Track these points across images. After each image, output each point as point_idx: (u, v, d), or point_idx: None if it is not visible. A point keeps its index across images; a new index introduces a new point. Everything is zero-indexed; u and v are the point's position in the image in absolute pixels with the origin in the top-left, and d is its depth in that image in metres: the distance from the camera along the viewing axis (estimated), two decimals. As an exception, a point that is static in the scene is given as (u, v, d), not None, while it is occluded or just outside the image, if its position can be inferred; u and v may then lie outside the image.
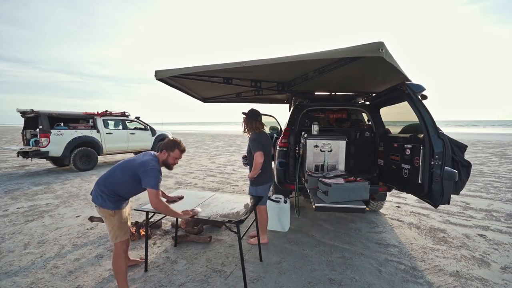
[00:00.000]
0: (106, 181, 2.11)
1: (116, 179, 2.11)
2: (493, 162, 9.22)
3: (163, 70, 2.78)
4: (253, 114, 3.01)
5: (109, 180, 2.12)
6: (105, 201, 2.08)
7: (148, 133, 9.64)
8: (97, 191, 2.11)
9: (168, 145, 2.25)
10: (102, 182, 2.12)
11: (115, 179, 2.11)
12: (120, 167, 2.15)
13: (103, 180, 2.12)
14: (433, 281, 2.41)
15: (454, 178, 2.32)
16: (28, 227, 3.62)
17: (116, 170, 2.14)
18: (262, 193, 2.95)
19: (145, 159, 2.14)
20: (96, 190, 2.12)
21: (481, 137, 21.64)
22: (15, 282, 2.38)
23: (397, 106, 3.15)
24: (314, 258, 2.81)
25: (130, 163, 2.14)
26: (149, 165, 2.08)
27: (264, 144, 2.92)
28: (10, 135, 25.15)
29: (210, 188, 5.83)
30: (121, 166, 2.16)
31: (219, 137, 23.80)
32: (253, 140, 2.89)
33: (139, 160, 2.13)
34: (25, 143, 7.84)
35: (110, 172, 2.15)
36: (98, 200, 2.09)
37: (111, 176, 2.13)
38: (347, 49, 2.00)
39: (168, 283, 2.37)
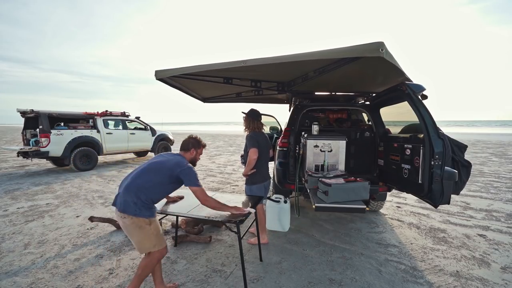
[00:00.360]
0: (141, 187, 1.95)
1: (150, 183, 1.98)
2: (493, 162, 9.22)
3: (163, 70, 2.78)
4: (254, 114, 3.07)
5: (144, 186, 1.96)
6: (140, 210, 1.91)
7: (148, 133, 9.64)
8: (129, 200, 1.90)
9: (195, 144, 2.29)
10: (136, 189, 1.94)
11: (149, 183, 1.98)
12: (151, 171, 2.02)
13: (137, 188, 1.94)
14: (433, 281, 2.41)
15: (454, 178, 2.32)
16: (28, 227, 3.62)
17: (148, 174, 2.00)
18: (257, 192, 2.98)
19: (177, 159, 2.11)
20: (127, 198, 1.91)
21: (481, 137, 21.64)
22: (15, 282, 2.38)
23: (397, 106, 3.14)
24: (314, 258, 2.81)
25: (162, 165, 2.05)
26: (185, 164, 2.07)
27: (260, 143, 2.94)
28: (10, 135, 25.16)
29: (210, 188, 5.83)
30: (152, 169, 2.03)
31: (219, 137, 23.79)
32: (250, 138, 2.95)
33: (173, 161, 2.08)
34: (25, 143, 7.84)
35: (140, 178, 1.98)
36: (131, 209, 1.89)
37: (144, 181, 1.97)
38: (347, 49, 2.00)
39: (168, 283, 2.37)
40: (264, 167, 3.07)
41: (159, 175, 2.02)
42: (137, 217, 1.91)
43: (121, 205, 1.91)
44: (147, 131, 9.63)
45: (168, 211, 2.40)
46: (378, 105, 3.66)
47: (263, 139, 3.02)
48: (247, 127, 3.06)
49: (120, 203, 1.92)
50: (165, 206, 2.53)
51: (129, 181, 1.98)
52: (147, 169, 2.03)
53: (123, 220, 1.93)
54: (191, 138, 2.33)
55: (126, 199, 1.91)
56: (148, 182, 1.98)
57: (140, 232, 1.94)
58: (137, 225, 1.92)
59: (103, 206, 4.54)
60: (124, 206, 1.90)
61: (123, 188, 1.96)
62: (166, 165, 2.05)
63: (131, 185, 1.95)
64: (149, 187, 1.97)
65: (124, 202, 1.91)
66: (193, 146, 2.28)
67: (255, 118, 3.04)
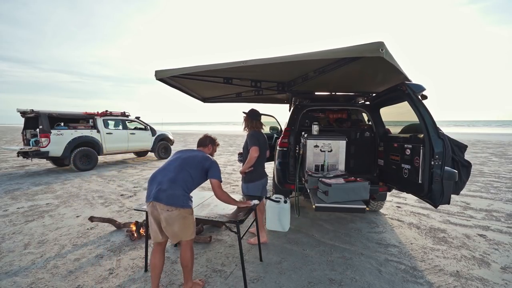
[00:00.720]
0: (186, 181, 2.10)
1: (191, 176, 2.13)
2: (493, 162, 9.22)
3: (163, 70, 2.78)
4: (254, 114, 3.13)
5: (188, 179, 2.11)
6: (187, 201, 2.06)
7: (148, 133, 9.64)
8: (178, 193, 2.02)
9: (212, 141, 2.53)
10: (183, 182, 2.08)
11: (190, 176, 2.13)
12: (189, 165, 2.16)
13: (184, 181, 2.08)
14: (433, 281, 2.41)
15: (454, 178, 2.32)
16: (28, 227, 3.62)
17: (188, 168, 2.14)
18: (253, 191, 3.02)
19: (203, 153, 2.32)
20: (176, 192, 2.02)
21: (481, 137, 21.64)
22: (15, 282, 2.38)
23: (397, 106, 3.14)
24: (314, 258, 2.81)
25: (195, 159, 2.21)
26: (211, 158, 2.29)
27: (260, 142, 3.00)
28: (10, 135, 25.16)
29: (210, 188, 5.82)
30: (189, 164, 2.17)
31: (219, 137, 23.66)
32: (251, 136, 3.01)
33: (199, 155, 2.26)
34: (25, 143, 7.84)
35: (183, 172, 2.11)
36: (180, 201, 2.01)
37: (187, 175, 2.11)
38: (347, 49, 2.00)
39: (168, 283, 2.37)
40: (261, 165, 3.11)
41: (196, 169, 2.17)
42: (184, 208, 2.03)
43: (168, 199, 1.99)
44: (147, 131, 9.63)
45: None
46: (378, 105, 3.66)
47: (262, 138, 3.08)
48: (246, 126, 3.13)
49: (167, 197, 1.99)
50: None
51: (173, 175, 2.07)
52: (185, 163, 2.16)
53: (168, 213, 1.98)
54: (208, 136, 2.55)
55: (175, 192, 2.01)
56: (190, 176, 2.13)
57: (185, 221, 2.04)
58: (183, 216, 2.03)
59: (103, 206, 4.54)
60: (172, 199, 2.00)
61: (168, 183, 2.03)
62: (196, 159, 2.21)
63: (178, 179, 2.06)
64: (191, 180, 2.13)
65: (172, 195, 2.00)
66: (210, 142, 2.51)
67: (255, 117, 3.10)
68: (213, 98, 5.14)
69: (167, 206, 1.98)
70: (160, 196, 2.00)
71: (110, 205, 4.57)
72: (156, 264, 2.12)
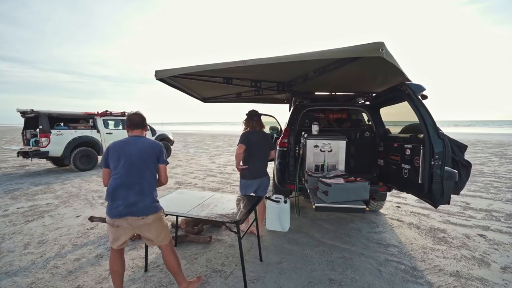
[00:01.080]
0: (151, 183, 1.96)
1: (152, 175, 1.98)
2: (493, 162, 9.22)
3: (163, 70, 2.78)
4: (251, 114, 3.26)
5: (151, 180, 1.97)
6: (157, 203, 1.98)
7: (148, 133, 9.64)
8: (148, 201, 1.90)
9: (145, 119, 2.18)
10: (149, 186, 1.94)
11: (152, 175, 1.98)
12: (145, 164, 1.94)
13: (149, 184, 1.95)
14: (433, 281, 2.41)
15: (454, 178, 2.32)
16: (28, 227, 3.62)
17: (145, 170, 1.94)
18: (243, 187, 3.17)
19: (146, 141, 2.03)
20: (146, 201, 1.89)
21: (481, 137, 21.64)
22: (15, 282, 2.38)
23: (397, 106, 3.14)
24: (314, 258, 2.81)
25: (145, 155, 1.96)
26: (156, 143, 2.08)
27: (251, 140, 3.09)
28: (10, 135, 25.16)
29: (210, 188, 5.83)
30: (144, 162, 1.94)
31: (219, 137, 23.80)
32: (241, 135, 3.16)
33: (147, 146, 1.99)
34: (25, 143, 7.84)
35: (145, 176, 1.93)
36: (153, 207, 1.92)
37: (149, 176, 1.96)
38: (347, 49, 2.00)
39: (168, 283, 2.37)
40: (255, 164, 3.14)
41: (153, 163, 2.00)
42: (158, 211, 1.96)
43: (141, 211, 1.87)
44: (147, 131, 9.64)
45: (168, 211, 2.39)
46: (378, 105, 3.66)
47: (256, 137, 3.14)
48: (245, 126, 3.26)
49: (140, 210, 1.86)
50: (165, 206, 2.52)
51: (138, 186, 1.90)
52: (142, 164, 1.94)
53: (143, 221, 1.88)
54: (138, 114, 2.14)
55: (145, 202, 1.89)
56: (152, 174, 1.99)
57: (161, 223, 1.99)
58: (158, 219, 1.96)
59: (103, 206, 4.54)
60: (146, 209, 1.88)
61: (136, 195, 1.87)
62: (148, 151, 1.98)
63: (145, 187, 1.91)
64: (153, 177, 2.01)
65: (145, 207, 1.88)
66: (145, 120, 2.18)
67: (251, 118, 3.22)
68: (213, 98, 5.14)
69: (140, 216, 1.86)
70: (132, 211, 1.85)
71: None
72: (117, 269, 2.03)
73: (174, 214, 2.37)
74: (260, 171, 3.21)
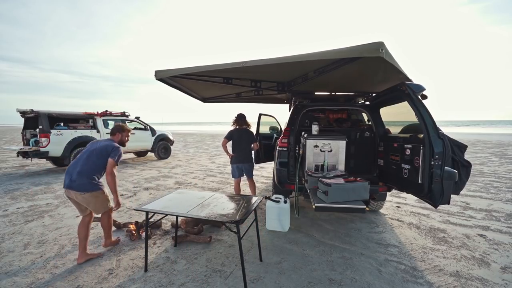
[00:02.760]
0: (93, 169, 2.69)
1: (95, 164, 2.71)
2: (493, 162, 9.23)
3: (163, 70, 2.78)
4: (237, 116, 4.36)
5: (94, 167, 2.70)
6: (95, 185, 2.69)
7: (148, 133, 9.64)
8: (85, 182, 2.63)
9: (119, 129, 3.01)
10: (90, 172, 2.67)
11: (95, 165, 2.71)
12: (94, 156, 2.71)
13: (91, 170, 2.68)
14: (433, 281, 2.41)
15: (454, 178, 2.32)
16: (28, 227, 3.62)
17: (92, 159, 2.70)
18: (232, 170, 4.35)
19: (107, 142, 2.83)
20: (83, 181, 2.62)
21: (481, 137, 21.65)
22: (15, 282, 2.38)
23: (397, 106, 3.14)
24: (314, 258, 2.81)
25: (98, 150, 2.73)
26: (114, 145, 2.82)
27: (234, 136, 4.27)
28: (10, 135, 25.15)
29: (210, 188, 5.83)
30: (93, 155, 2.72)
31: (219, 137, 23.79)
32: (228, 132, 4.33)
33: (103, 144, 2.79)
34: (25, 143, 7.83)
35: (88, 163, 2.68)
36: (89, 187, 2.64)
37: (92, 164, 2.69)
38: (347, 49, 2.00)
39: (168, 283, 2.37)
40: (238, 153, 4.25)
41: (101, 157, 2.72)
42: (94, 191, 2.68)
43: (79, 187, 2.61)
44: (147, 131, 9.63)
45: (168, 211, 2.39)
46: (378, 105, 3.66)
47: (238, 133, 4.26)
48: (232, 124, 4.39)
49: (78, 186, 2.61)
50: (165, 206, 2.53)
51: (79, 168, 2.65)
52: (91, 155, 2.72)
53: (81, 196, 2.63)
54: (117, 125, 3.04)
55: (82, 181, 2.62)
56: (95, 164, 2.71)
57: (97, 200, 2.73)
58: (95, 196, 2.69)
59: (103, 206, 4.53)
60: (82, 187, 2.62)
61: (76, 175, 2.62)
62: (101, 148, 2.75)
63: (84, 170, 2.65)
64: (96, 167, 2.72)
65: (80, 184, 2.61)
66: (117, 131, 2.98)
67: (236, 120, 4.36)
68: (213, 98, 5.15)
69: (79, 192, 2.61)
70: (72, 185, 2.61)
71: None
72: (80, 231, 2.72)
73: (174, 214, 2.37)
74: (242, 158, 4.24)
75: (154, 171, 7.62)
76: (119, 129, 3.00)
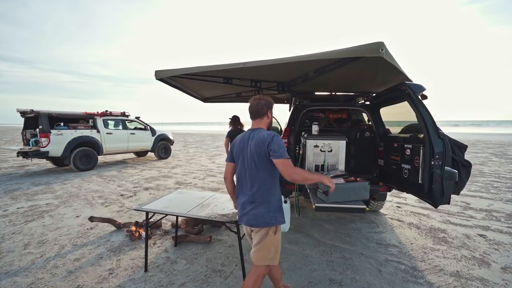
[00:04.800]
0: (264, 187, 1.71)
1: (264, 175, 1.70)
2: (493, 162, 9.22)
3: (163, 70, 2.78)
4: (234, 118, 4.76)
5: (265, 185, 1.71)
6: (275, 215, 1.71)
7: (148, 133, 9.64)
8: (262, 208, 1.69)
9: (268, 104, 1.83)
10: (265, 191, 1.71)
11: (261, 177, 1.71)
12: (253, 159, 1.68)
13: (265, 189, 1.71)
14: (433, 281, 2.41)
15: (454, 178, 2.32)
16: (28, 227, 3.62)
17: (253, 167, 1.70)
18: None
19: (263, 133, 1.72)
20: (259, 206, 1.69)
21: (481, 137, 21.64)
22: (15, 282, 2.38)
23: (397, 106, 3.14)
24: (314, 258, 2.81)
25: (257, 147, 1.68)
26: (272, 133, 1.71)
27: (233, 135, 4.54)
28: (10, 135, 25.16)
29: (210, 188, 5.82)
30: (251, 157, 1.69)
31: (219, 137, 23.78)
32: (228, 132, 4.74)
33: (258, 135, 1.71)
34: (25, 143, 7.84)
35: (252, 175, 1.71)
36: (272, 216, 1.69)
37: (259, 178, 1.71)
38: (347, 50, 2.00)
39: (168, 283, 2.37)
40: None
41: (264, 159, 1.69)
42: (274, 225, 1.75)
43: (251, 219, 1.73)
44: (147, 131, 9.63)
45: (168, 211, 2.39)
46: (378, 105, 3.66)
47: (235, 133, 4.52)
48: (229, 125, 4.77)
49: (249, 216, 1.74)
50: (165, 206, 2.53)
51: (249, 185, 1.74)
52: (251, 160, 1.71)
53: (252, 232, 1.79)
54: (261, 98, 1.82)
55: (260, 207, 1.71)
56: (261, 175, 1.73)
57: (267, 240, 1.75)
58: (265, 233, 1.74)
59: (103, 206, 4.54)
60: (255, 219, 1.73)
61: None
62: (260, 145, 1.68)
63: (260, 189, 1.72)
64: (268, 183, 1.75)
65: (253, 213, 1.73)
66: (267, 107, 1.82)
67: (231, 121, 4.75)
68: (213, 98, 5.14)
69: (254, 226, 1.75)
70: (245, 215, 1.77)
71: (110, 205, 4.57)
72: None
73: (174, 214, 2.37)
74: None
75: (154, 171, 7.62)
76: (269, 104, 1.83)
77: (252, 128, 1.83)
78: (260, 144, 1.66)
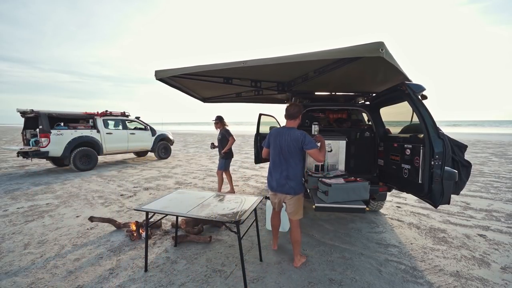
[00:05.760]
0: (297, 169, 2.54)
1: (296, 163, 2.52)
2: (493, 162, 9.22)
3: (163, 70, 2.78)
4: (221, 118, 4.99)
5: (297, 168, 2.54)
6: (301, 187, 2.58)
7: (148, 133, 9.64)
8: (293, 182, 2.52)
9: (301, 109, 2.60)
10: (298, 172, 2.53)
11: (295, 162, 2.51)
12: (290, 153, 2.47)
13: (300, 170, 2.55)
14: (433, 281, 2.41)
15: (454, 178, 2.32)
16: (28, 227, 3.62)
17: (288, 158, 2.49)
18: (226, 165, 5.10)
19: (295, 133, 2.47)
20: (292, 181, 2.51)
21: (481, 137, 21.64)
22: (15, 282, 2.38)
23: (397, 106, 3.14)
24: (314, 258, 2.81)
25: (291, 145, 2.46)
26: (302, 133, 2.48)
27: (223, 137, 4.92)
28: (10, 135, 25.15)
29: (210, 188, 5.83)
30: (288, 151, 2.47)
31: (219, 137, 23.75)
32: (227, 131, 4.96)
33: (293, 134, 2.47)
34: (25, 143, 7.84)
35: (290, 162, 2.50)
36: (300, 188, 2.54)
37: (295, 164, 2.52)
38: (347, 49, 2.00)
39: (168, 283, 2.37)
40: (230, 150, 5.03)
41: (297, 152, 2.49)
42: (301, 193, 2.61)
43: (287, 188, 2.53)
44: (147, 131, 9.63)
45: (168, 211, 2.39)
46: (378, 105, 3.66)
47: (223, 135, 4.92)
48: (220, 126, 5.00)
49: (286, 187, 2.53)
50: (165, 206, 2.53)
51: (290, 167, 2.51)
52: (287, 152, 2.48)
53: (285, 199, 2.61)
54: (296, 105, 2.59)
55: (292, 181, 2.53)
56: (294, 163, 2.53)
57: (298, 203, 2.60)
58: (299, 198, 2.59)
59: (103, 206, 4.54)
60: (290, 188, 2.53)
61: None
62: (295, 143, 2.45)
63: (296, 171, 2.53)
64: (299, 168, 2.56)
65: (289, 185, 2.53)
66: (299, 112, 2.58)
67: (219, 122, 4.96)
68: (213, 98, 5.15)
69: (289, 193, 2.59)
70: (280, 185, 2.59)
71: (110, 205, 4.57)
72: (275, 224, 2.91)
73: (174, 214, 2.37)
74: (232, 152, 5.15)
75: (154, 171, 7.62)
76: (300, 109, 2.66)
77: (288, 127, 2.59)
78: (295, 141, 2.44)
